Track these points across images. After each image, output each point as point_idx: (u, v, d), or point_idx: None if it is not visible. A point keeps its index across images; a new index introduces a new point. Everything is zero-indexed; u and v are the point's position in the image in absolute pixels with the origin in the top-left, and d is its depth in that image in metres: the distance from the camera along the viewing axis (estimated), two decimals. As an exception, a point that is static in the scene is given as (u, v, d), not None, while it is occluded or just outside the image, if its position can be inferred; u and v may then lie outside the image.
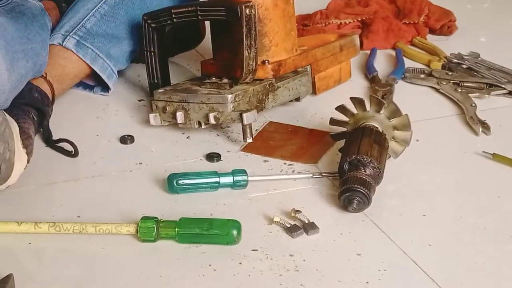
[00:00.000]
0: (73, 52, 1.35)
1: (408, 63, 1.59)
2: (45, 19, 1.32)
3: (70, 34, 1.36)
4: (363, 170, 1.08)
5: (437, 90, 1.48)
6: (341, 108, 1.21)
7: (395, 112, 1.16)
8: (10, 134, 1.11)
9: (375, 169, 1.09)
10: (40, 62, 1.26)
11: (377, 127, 1.16)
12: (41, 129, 1.27)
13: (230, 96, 1.22)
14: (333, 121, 1.23)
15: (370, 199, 1.07)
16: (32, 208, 1.10)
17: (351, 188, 1.06)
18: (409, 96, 1.45)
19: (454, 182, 1.18)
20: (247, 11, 1.21)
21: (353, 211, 1.07)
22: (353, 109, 1.20)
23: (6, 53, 1.12)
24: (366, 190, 1.06)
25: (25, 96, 1.21)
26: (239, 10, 1.21)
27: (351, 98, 1.20)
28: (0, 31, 1.13)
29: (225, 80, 1.27)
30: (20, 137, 1.14)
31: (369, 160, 1.09)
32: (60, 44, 1.35)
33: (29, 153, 1.14)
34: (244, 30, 1.22)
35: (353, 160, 1.10)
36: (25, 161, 1.13)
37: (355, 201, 1.06)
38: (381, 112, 1.17)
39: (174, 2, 1.41)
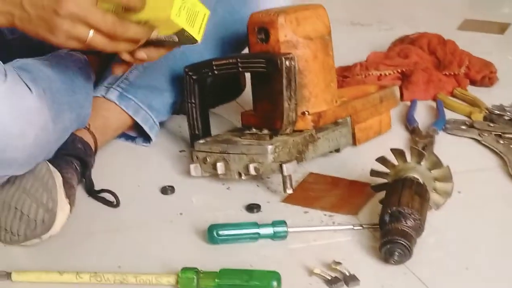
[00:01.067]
0: (116, 103, 1.37)
1: (449, 115, 1.58)
2: (89, 72, 1.34)
3: (113, 86, 1.38)
4: (404, 222, 1.08)
5: (478, 141, 1.47)
6: (382, 160, 1.21)
7: (436, 163, 1.16)
8: (53, 184, 1.12)
9: (416, 221, 1.08)
10: (84, 114, 1.28)
11: (418, 179, 1.16)
12: (83, 179, 1.28)
13: (270, 147, 1.22)
14: (373, 173, 1.22)
15: (411, 251, 1.05)
16: (73, 258, 1.11)
17: (392, 240, 1.05)
18: (450, 148, 1.44)
19: (496, 235, 1.16)
20: (287, 63, 1.22)
21: (394, 263, 1.06)
22: (394, 161, 1.20)
23: (52, 105, 1.14)
24: (407, 242, 1.05)
25: (68, 146, 1.23)
26: (279, 62, 1.22)
27: (392, 150, 1.20)
28: (47, 83, 1.15)
29: (265, 131, 1.28)
30: (63, 187, 1.15)
31: (410, 211, 1.08)
32: (103, 96, 1.37)
33: (71, 203, 1.16)
34: (284, 81, 1.23)
35: (394, 212, 1.09)
36: (67, 211, 1.14)
37: (396, 253, 1.05)
38: (422, 163, 1.16)
39: (215, 54, 1.43)
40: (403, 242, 1.05)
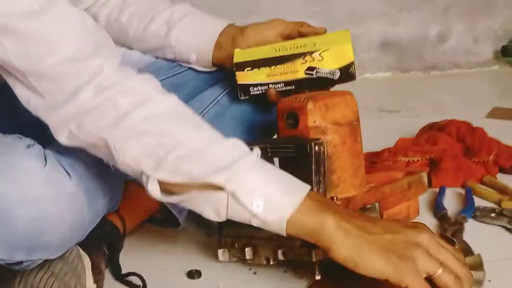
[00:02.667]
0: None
1: (478, 202, 1.57)
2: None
3: (142, 171, 1.39)
4: None
5: (508, 229, 1.45)
6: None
7: (467, 251, 1.15)
8: (82, 269, 1.13)
9: None
10: (116, 199, 1.29)
11: None
12: (111, 263, 1.28)
13: (298, 232, 1.22)
14: None
15: None
16: None
17: None
18: (479, 236, 1.43)
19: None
20: (317, 148, 1.23)
21: None
22: None
23: (88, 190, 1.15)
24: None
25: (98, 230, 1.24)
26: (309, 147, 1.23)
27: None
28: (84, 169, 1.15)
29: (294, 216, 1.27)
30: (92, 272, 1.15)
31: None
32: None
33: None
34: (313, 166, 1.23)
35: None
36: (95, 295, 1.14)
37: None
38: None
39: (245, 139, 1.44)
40: None
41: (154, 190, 1.06)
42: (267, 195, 1.05)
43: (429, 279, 1.03)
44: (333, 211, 1.07)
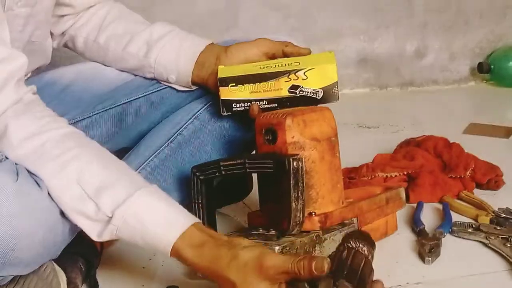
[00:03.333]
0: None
1: (456, 217, 1.58)
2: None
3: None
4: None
5: (485, 244, 1.46)
6: None
7: None
8: (57, 284, 1.12)
9: None
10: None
11: None
12: (88, 279, 1.27)
13: (277, 247, 1.22)
14: None
15: None
16: None
17: None
18: (457, 251, 1.44)
19: None
20: (295, 164, 1.23)
21: None
22: None
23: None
24: None
25: (74, 245, 1.23)
26: (287, 163, 1.23)
27: None
28: None
29: (272, 232, 1.28)
30: (67, 287, 1.14)
31: None
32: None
33: (75, 303, 1.15)
34: (292, 182, 1.23)
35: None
36: (71, 311, 1.13)
37: None
38: None
39: (223, 155, 1.44)
40: None
41: None
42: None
43: None
44: None
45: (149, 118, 1.48)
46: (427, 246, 1.42)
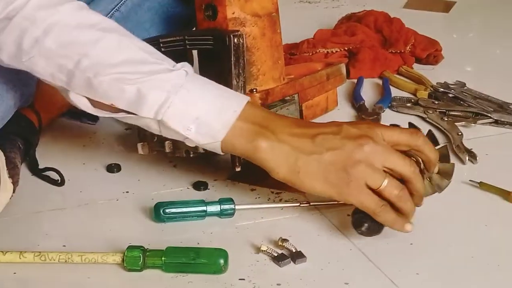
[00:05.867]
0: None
1: (395, 92, 1.60)
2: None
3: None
4: None
5: (423, 119, 1.49)
6: None
7: (445, 156, 1.12)
8: (-5, 165, 1.10)
9: None
10: (28, 92, 1.25)
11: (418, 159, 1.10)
12: (27, 158, 1.26)
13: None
14: None
15: (381, 228, 1.05)
16: (17, 237, 1.09)
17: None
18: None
19: (441, 210, 1.17)
20: (236, 40, 1.22)
21: (360, 233, 1.06)
22: None
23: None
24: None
25: (11, 125, 1.21)
26: (227, 39, 1.22)
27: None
28: None
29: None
30: (6, 167, 1.13)
31: None
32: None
33: (15, 183, 1.14)
34: (232, 59, 1.22)
35: None
36: (11, 191, 1.13)
37: (366, 224, 1.05)
38: None
39: (162, 31, 1.42)
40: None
41: (81, 104, 1.04)
42: (198, 118, 1.02)
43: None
44: (268, 133, 1.04)
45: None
46: (366, 121, 1.44)
